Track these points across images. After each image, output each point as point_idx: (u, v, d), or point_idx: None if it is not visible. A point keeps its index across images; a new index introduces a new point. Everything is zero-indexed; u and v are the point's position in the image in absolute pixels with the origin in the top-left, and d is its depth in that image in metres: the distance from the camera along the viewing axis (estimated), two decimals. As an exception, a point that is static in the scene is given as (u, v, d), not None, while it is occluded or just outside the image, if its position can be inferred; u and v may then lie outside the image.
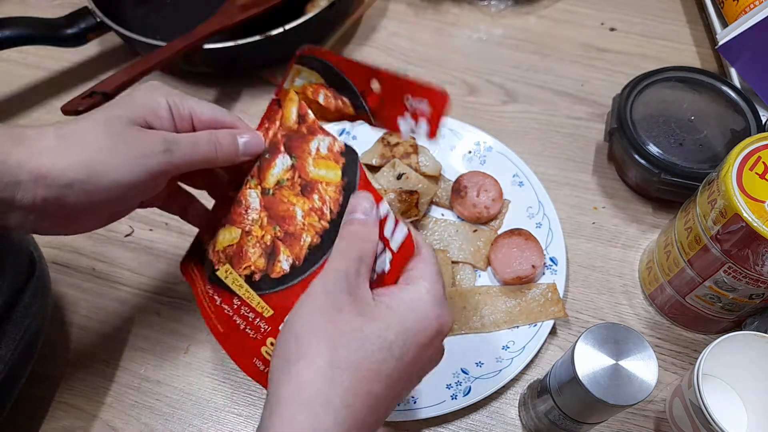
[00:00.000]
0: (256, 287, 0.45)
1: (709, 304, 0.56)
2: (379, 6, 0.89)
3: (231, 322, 0.45)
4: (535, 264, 0.61)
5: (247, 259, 0.46)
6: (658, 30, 0.85)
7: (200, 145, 0.44)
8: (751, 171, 0.48)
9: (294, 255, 0.43)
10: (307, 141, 0.45)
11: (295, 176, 0.45)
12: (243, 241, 0.46)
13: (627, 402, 0.40)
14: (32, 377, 0.57)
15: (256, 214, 0.46)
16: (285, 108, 0.46)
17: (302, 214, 0.44)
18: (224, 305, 0.46)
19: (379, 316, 0.36)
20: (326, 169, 0.44)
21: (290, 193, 0.45)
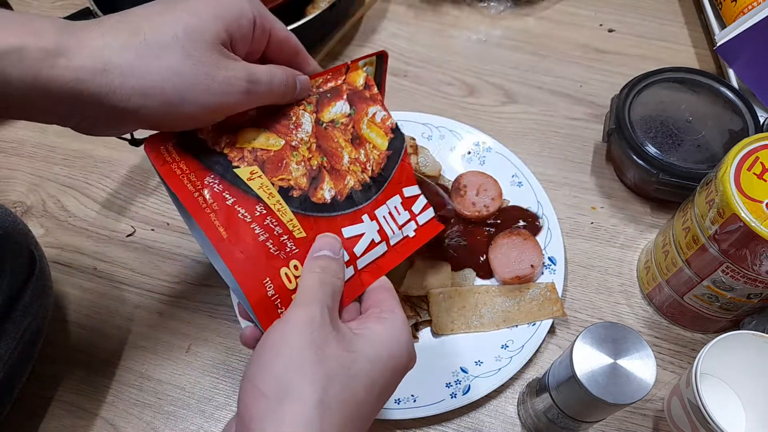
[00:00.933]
0: (291, 203, 0.42)
1: (707, 303, 0.56)
2: (379, 7, 0.89)
3: (247, 230, 0.39)
4: (534, 264, 0.62)
5: (287, 171, 0.43)
6: (657, 31, 0.85)
7: (275, 85, 0.41)
8: (749, 171, 0.48)
9: (337, 190, 0.44)
10: (368, 104, 0.47)
11: (350, 125, 0.46)
12: (286, 153, 0.43)
13: (625, 401, 0.41)
14: (33, 376, 0.57)
15: (306, 136, 0.44)
16: (353, 73, 0.48)
17: (348, 159, 0.45)
18: (239, 208, 0.40)
19: (364, 352, 0.36)
20: (376, 134, 0.46)
21: (341, 137, 0.45)
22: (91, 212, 0.71)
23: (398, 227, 0.45)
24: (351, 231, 0.43)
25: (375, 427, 0.57)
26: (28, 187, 0.73)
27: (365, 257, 0.43)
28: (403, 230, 0.45)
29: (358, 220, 0.43)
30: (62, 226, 0.70)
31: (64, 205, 0.72)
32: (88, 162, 0.75)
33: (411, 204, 0.46)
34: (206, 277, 0.66)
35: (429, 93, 0.80)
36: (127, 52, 0.35)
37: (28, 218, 0.71)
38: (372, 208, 0.44)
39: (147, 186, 0.73)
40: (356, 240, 0.43)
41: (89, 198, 0.72)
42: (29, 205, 0.72)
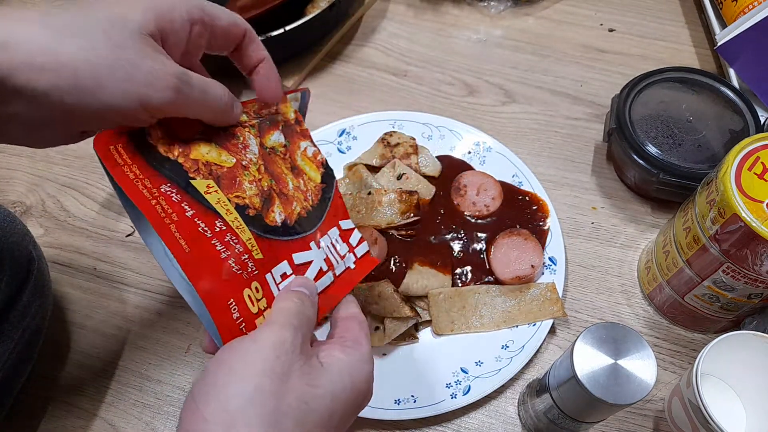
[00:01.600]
0: (248, 222, 0.40)
1: (708, 303, 0.56)
2: (379, 7, 0.89)
3: (208, 246, 0.37)
4: (534, 264, 0.62)
5: (242, 189, 0.41)
6: (657, 31, 0.85)
7: (210, 96, 0.37)
8: (750, 171, 0.48)
9: (286, 214, 0.42)
10: (299, 138, 0.47)
11: (287, 155, 0.45)
12: (238, 171, 0.41)
13: (626, 401, 0.41)
14: (33, 376, 0.57)
15: (254, 157, 0.43)
16: (283, 105, 0.47)
17: (292, 185, 0.44)
18: (199, 222, 0.37)
19: (328, 387, 0.34)
20: (310, 168, 0.46)
21: (282, 164, 0.45)
22: (91, 212, 0.71)
23: (340, 257, 0.44)
24: (301, 257, 0.42)
25: (375, 427, 0.57)
26: (27, 187, 0.73)
27: (316, 285, 0.42)
28: (345, 261, 0.44)
29: (307, 246, 0.43)
30: (62, 226, 0.70)
31: (63, 205, 0.72)
32: (87, 162, 0.75)
33: (348, 236, 0.46)
34: (206, 277, 0.66)
35: (429, 93, 0.80)
36: (36, 27, 0.31)
37: (28, 218, 0.71)
38: (316, 236, 0.44)
39: (147, 186, 0.73)
40: (306, 267, 0.42)
41: (89, 198, 0.72)
42: (29, 205, 0.72)
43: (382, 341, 0.58)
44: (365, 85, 0.81)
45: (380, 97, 0.80)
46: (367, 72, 0.82)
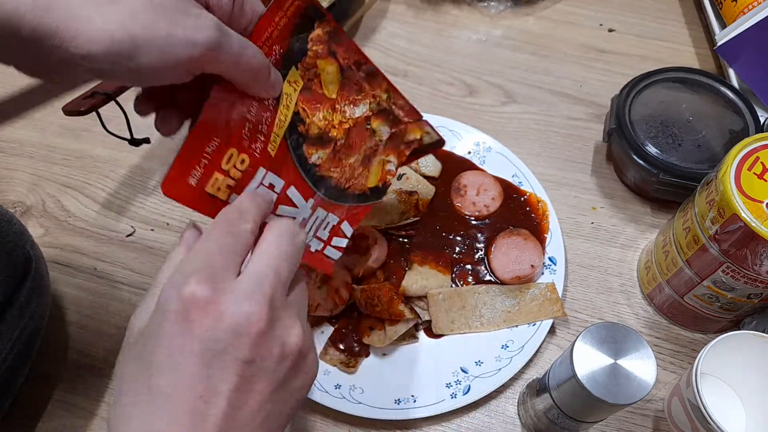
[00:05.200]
0: (291, 129, 0.42)
1: (708, 303, 0.56)
2: (379, 7, 0.89)
3: (245, 99, 0.39)
4: (534, 264, 0.62)
5: (313, 113, 0.44)
6: (657, 31, 0.85)
7: (249, 54, 0.36)
8: (750, 171, 0.48)
9: (323, 164, 0.46)
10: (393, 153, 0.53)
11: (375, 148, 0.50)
12: (326, 102, 0.45)
13: (625, 401, 0.41)
14: (32, 376, 0.57)
15: (348, 114, 0.47)
16: (415, 126, 0.53)
17: (354, 161, 0.48)
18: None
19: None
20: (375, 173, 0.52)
21: (364, 146, 0.49)
22: (91, 212, 0.71)
23: (314, 234, 0.47)
24: (294, 195, 0.44)
25: (375, 427, 0.57)
26: (27, 187, 0.73)
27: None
28: (312, 240, 0.47)
29: (306, 197, 0.45)
30: (62, 226, 0.70)
31: (63, 205, 0.72)
32: (87, 162, 0.75)
33: (336, 234, 0.49)
34: (206, 277, 0.66)
35: (429, 93, 0.80)
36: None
37: (28, 218, 0.71)
38: (321, 204, 0.46)
39: (147, 186, 0.73)
40: (288, 203, 0.43)
41: (89, 198, 0.72)
42: (29, 205, 0.72)
43: (382, 342, 0.58)
44: (365, 85, 0.81)
45: (380, 97, 0.80)
46: (367, 72, 0.82)
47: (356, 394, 0.57)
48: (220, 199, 0.39)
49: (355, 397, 0.57)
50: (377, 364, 0.59)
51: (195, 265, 0.32)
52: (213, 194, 0.39)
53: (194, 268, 0.31)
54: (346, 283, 0.60)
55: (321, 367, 0.59)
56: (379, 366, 0.59)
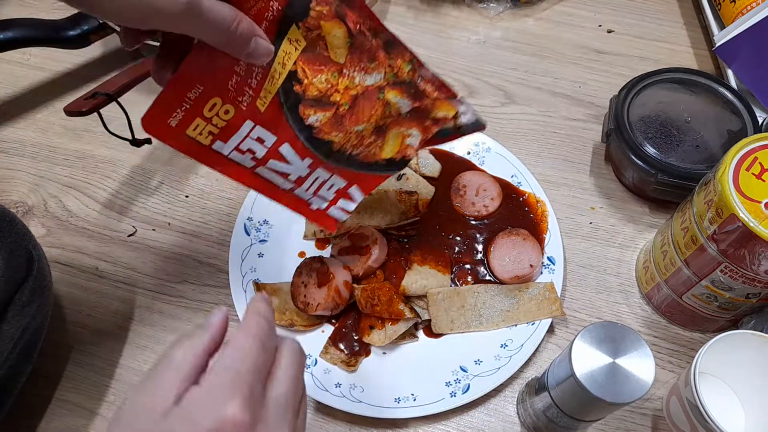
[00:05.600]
0: (284, 87, 0.42)
1: (706, 303, 0.57)
2: (379, 8, 0.89)
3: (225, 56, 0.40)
4: (533, 263, 0.62)
5: (314, 75, 0.43)
6: (656, 32, 0.85)
7: (220, 12, 0.37)
8: (748, 171, 0.49)
9: (322, 127, 0.45)
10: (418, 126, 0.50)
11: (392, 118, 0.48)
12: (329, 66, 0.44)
13: (624, 400, 0.41)
14: (34, 375, 0.57)
15: (357, 81, 0.46)
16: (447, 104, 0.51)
17: (360, 129, 0.47)
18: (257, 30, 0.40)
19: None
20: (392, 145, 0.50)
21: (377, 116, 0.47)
22: (93, 212, 0.71)
23: (314, 193, 0.47)
24: (287, 152, 0.44)
25: (375, 426, 0.57)
26: (29, 187, 0.73)
27: (268, 172, 0.44)
28: (314, 198, 0.47)
29: (302, 155, 0.45)
30: (64, 226, 0.70)
31: (65, 205, 0.72)
32: (89, 162, 0.75)
33: (343, 197, 0.48)
34: (206, 277, 0.66)
35: (429, 93, 0.80)
36: None
37: (30, 218, 0.71)
38: (321, 164, 0.46)
39: (148, 186, 0.73)
40: (280, 159, 0.44)
41: (91, 198, 0.73)
42: (31, 205, 0.72)
43: (382, 341, 0.58)
44: (365, 85, 0.81)
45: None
46: (367, 73, 0.83)
47: (356, 392, 0.57)
48: (201, 143, 0.41)
49: (355, 396, 0.57)
50: (377, 363, 0.60)
51: (236, 383, 0.33)
52: (194, 137, 0.40)
53: (235, 388, 0.32)
54: (346, 283, 0.60)
55: (321, 365, 0.59)
56: (379, 365, 0.59)
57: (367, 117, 0.46)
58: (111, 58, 0.85)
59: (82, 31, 0.76)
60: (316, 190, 0.47)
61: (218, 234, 0.69)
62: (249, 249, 0.65)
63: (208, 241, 0.69)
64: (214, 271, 0.66)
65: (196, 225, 0.70)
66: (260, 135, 0.42)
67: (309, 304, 0.59)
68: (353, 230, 0.64)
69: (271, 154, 0.43)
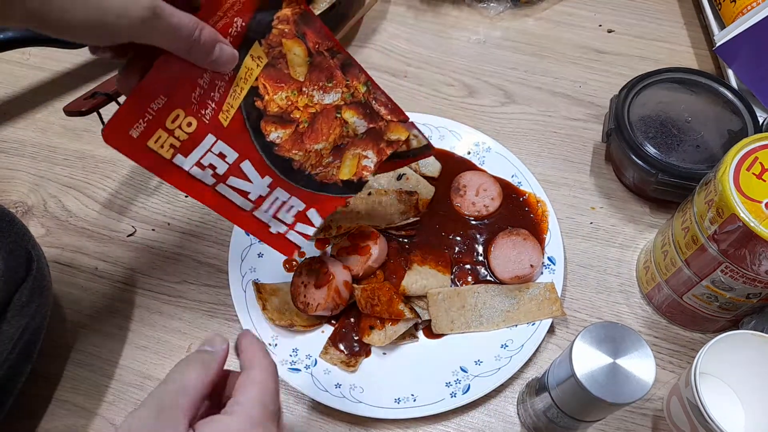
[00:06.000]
0: (246, 102, 0.43)
1: (706, 303, 0.57)
2: (379, 8, 0.89)
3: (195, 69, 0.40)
4: (534, 263, 0.62)
5: (275, 92, 0.44)
6: (656, 31, 0.85)
7: (181, 24, 0.38)
8: (748, 171, 0.49)
9: (282, 143, 0.45)
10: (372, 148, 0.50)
11: (347, 139, 0.48)
12: (290, 83, 0.45)
13: (625, 400, 0.41)
14: (34, 375, 0.57)
15: (315, 100, 0.46)
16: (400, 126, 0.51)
17: (319, 147, 0.47)
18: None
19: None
20: (349, 165, 0.49)
21: (335, 135, 0.48)
22: (92, 212, 0.71)
23: (273, 215, 0.47)
24: (248, 169, 0.44)
25: (375, 426, 0.57)
26: (29, 187, 0.73)
27: (228, 191, 0.44)
28: (272, 221, 0.47)
29: (263, 173, 0.45)
30: (63, 226, 0.70)
31: (65, 205, 0.72)
32: (89, 162, 0.75)
33: (301, 220, 0.48)
34: (206, 277, 0.66)
35: (429, 93, 0.80)
36: None
37: (29, 218, 0.71)
38: (281, 183, 0.46)
39: (148, 186, 0.73)
40: (241, 176, 0.44)
41: (90, 198, 0.72)
42: (30, 205, 0.72)
43: (382, 342, 0.58)
44: (365, 85, 0.81)
45: (380, 98, 0.80)
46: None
47: (356, 393, 0.57)
48: (162, 156, 0.41)
49: (355, 396, 0.57)
50: (377, 364, 0.60)
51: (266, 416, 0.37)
52: (155, 150, 0.40)
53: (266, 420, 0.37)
54: (346, 283, 0.60)
55: (321, 366, 0.59)
56: (379, 365, 0.59)
57: (326, 135, 0.47)
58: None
59: (82, 30, 0.76)
60: (275, 212, 0.47)
61: (218, 234, 0.69)
62: (249, 249, 0.65)
63: (208, 241, 0.69)
64: (213, 271, 0.66)
65: (195, 225, 0.70)
66: (222, 150, 0.42)
67: (309, 305, 0.59)
68: (353, 230, 0.64)
69: (232, 170, 0.43)
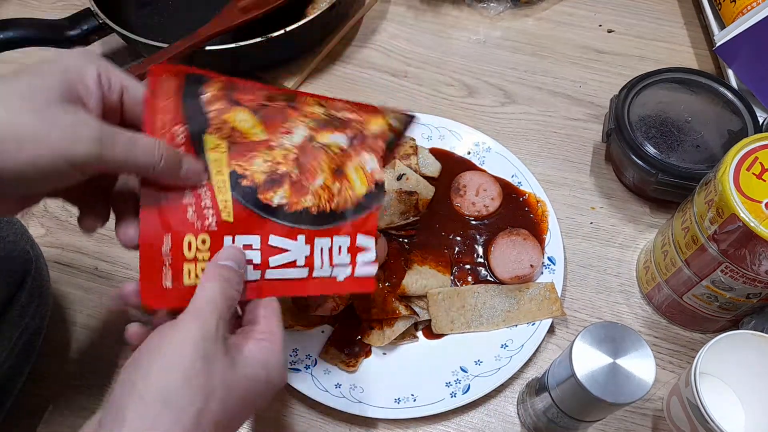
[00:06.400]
0: (235, 188, 0.43)
1: (706, 303, 0.57)
2: (379, 8, 0.89)
3: (175, 186, 0.41)
4: (534, 263, 0.62)
5: (250, 162, 0.44)
6: (656, 31, 0.85)
7: (139, 148, 0.38)
8: (748, 171, 0.49)
9: (290, 200, 0.44)
10: (365, 151, 0.47)
11: (338, 157, 0.47)
12: (258, 147, 0.44)
13: (625, 400, 0.41)
14: (34, 376, 0.57)
15: (289, 144, 0.45)
16: (375, 117, 0.48)
17: (321, 183, 0.45)
18: None
19: (245, 372, 0.37)
20: (359, 180, 0.47)
21: (327, 162, 0.46)
22: (92, 212, 0.71)
23: (330, 264, 0.45)
24: (278, 241, 0.43)
25: (375, 426, 0.57)
26: (28, 187, 0.73)
27: (277, 271, 0.43)
28: (334, 270, 0.45)
29: (293, 236, 0.44)
30: (63, 226, 0.70)
31: (65, 206, 0.72)
32: (88, 162, 0.75)
33: (358, 252, 0.46)
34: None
35: (429, 93, 0.80)
36: None
37: (29, 218, 0.71)
38: (315, 234, 0.45)
39: (147, 186, 0.73)
40: (277, 251, 0.43)
41: (90, 198, 0.72)
42: (30, 205, 0.72)
43: (381, 341, 0.58)
44: (365, 86, 0.81)
45: (380, 98, 0.80)
46: (367, 73, 0.83)
47: (356, 393, 0.57)
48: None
49: (355, 396, 0.57)
50: (377, 363, 0.60)
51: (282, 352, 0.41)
52: (193, 283, 0.40)
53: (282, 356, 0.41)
54: (346, 283, 0.60)
55: (321, 366, 0.59)
56: (379, 365, 0.59)
57: (318, 168, 0.46)
58: (110, 59, 0.85)
59: (82, 31, 0.76)
60: (330, 261, 0.45)
61: (218, 234, 0.69)
62: (249, 249, 0.65)
63: (208, 242, 0.68)
64: (213, 272, 0.66)
65: (195, 225, 0.70)
66: (244, 242, 0.42)
67: (309, 305, 0.59)
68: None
69: (266, 252, 0.43)
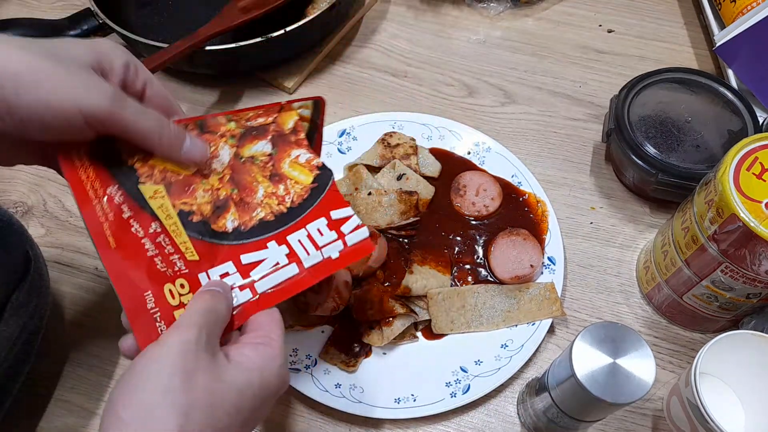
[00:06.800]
0: (188, 227, 0.44)
1: (706, 303, 0.57)
2: (379, 8, 0.89)
3: (137, 244, 0.43)
4: (534, 263, 0.62)
5: (192, 197, 0.45)
6: (656, 31, 0.85)
7: (147, 118, 0.41)
8: (748, 171, 0.49)
9: (242, 221, 0.45)
10: (291, 147, 0.47)
11: (270, 163, 0.47)
12: (194, 179, 0.45)
13: (625, 400, 0.41)
14: (33, 375, 0.57)
15: (220, 167, 0.46)
16: (285, 114, 0.48)
17: (264, 193, 0.46)
18: (134, 222, 0.43)
19: (234, 382, 0.36)
20: (299, 172, 0.47)
21: (259, 173, 0.46)
22: (92, 212, 0.71)
23: (317, 248, 0.45)
24: (250, 257, 0.44)
25: (375, 426, 0.57)
26: (29, 187, 0.73)
27: (266, 280, 0.43)
28: (324, 251, 0.45)
29: (262, 247, 0.44)
30: (63, 226, 0.70)
31: (65, 205, 0.72)
32: (88, 162, 0.75)
33: (340, 224, 0.46)
34: (206, 277, 0.66)
35: (429, 93, 0.80)
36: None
37: (29, 218, 0.71)
38: (284, 234, 0.45)
39: (147, 186, 0.73)
40: (255, 265, 0.44)
41: (90, 198, 0.72)
42: (30, 205, 0.72)
43: (381, 341, 0.58)
44: (365, 86, 0.81)
45: (380, 98, 0.80)
46: (367, 73, 0.83)
47: (356, 393, 0.57)
48: None
49: (355, 396, 0.57)
50: (377, 363, 0.60)
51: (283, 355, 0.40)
52: None
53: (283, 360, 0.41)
54: (346, 283, 0.60)
55: (321, 366, 0.59)
56: (379, 365, 0.59)
57: (254, 181, 0.46)
58: (111, 58, 0.85)
59: (82, 31, 0.76)
60: (314, 246, 0.45)
61: (218, 234, 0.69)
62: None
63: (208, 241, 0.69)
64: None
65: (195, 225, 0.70)
66: (219, 273, 0.43)
67: (309, 305, 0.59)
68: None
69: (244, 270, 0.43)
